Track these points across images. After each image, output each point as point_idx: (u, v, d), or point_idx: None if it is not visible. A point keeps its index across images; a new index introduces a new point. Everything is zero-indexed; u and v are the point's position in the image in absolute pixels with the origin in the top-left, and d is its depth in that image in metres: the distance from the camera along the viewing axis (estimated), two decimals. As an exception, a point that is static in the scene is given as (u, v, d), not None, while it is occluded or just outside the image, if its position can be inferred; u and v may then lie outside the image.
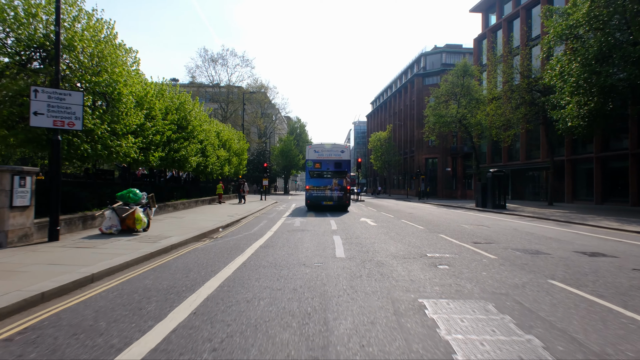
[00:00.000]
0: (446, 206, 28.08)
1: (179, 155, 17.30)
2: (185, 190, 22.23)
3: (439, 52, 55.87)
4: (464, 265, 6.62)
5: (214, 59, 56.70)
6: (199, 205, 22.38)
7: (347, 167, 21.02)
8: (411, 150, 59.27)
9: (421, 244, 9.04)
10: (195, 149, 19.34)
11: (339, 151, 21.15)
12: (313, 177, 20.97)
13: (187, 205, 20.11)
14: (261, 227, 12.87)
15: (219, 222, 13.69)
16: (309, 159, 21.09)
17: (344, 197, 20.74)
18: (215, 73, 60.20)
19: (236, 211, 19.12)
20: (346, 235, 10.53)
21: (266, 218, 16.53)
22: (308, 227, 12.91)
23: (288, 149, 61.59)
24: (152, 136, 14.27)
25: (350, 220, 15.56)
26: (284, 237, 10.20)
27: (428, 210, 22.60)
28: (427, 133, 39.56)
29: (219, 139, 27.22)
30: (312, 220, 15.42)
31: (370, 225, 13.56)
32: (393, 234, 11.03)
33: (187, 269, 6.27)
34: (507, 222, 15.28)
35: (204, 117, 23.03)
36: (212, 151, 23.66)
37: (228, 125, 32.20)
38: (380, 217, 16.99)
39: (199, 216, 15.74)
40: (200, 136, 20.36)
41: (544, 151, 32.09)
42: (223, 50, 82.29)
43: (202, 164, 22.35)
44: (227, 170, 28.34)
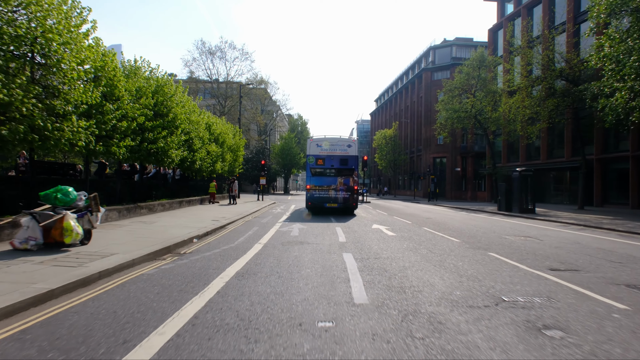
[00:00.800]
0: (462, 209, 25.16)
1: (156, 148, 14.45)
2: (169, 189, 19.41)
3: (449, 46, 52.91)
4: (586, 328, 3.73)
5: (211, 51, 53.92)
6: (184, 206, 19.54)
7: (354, 163, 18.15)
8: (418, 149, 56.34)
9: (477, 272, 6.16)
10: (178, 141, 16.50)
11: (344, 145, 18.27)
12: (315, 175, 18.11)
13: (169, 207, 17.26)
14: (248, 238, 10.01)
15: (197, 229, 10.85)
16: (310, 155, 18.23)
17: (351, 199, 17.88)
18: (213, 66, 57.57)
19: (225, 214, 16.28)
20: (361, 254, 7.66)
21: (258, 223, 13.68)
22: (308, 237, 10.05)
23: (289, 147, 58.73)
24: (115, 122, 11.43)
25: (361, 227, 12.69)
26: (274, 256, 7.34)
27: (447, 215, 19.69)
28: (438, 129, 36.69)
29: (210, 132, 24.38)
30: (313, 227, 12.57)
31: (387, 235, 10.68)
32: (424, 250, 8.14)
33: (77, 337, 3.38)
34: (556, 232, 12.36)
35: (192, 106, 20.20)
36: (200, 145, 20.83)
37: (223, 119, 29.40)
38: (395, 224, 14.11)
39: (176, 221, 12.90)
40: (185, 126, 17.51)
41: (568, 149, 29.16)
42: (221, 43, 79.32)
43: (188, 159, 19.52)
44: (219, 168, 25.50)
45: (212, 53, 53.96)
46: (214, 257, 7.18)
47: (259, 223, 13.79)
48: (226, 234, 10.76)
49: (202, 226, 11.61)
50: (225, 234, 10.76)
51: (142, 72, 14.45)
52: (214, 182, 25.82)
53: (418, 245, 8.78)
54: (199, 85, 55.52)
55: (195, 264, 6.53)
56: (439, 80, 51.92)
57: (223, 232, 11.30)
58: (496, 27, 40.42)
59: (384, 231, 11.60)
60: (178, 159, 16.90)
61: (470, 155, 50.95)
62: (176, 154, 16.49)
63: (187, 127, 18.52)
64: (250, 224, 13.61)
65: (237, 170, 32.27)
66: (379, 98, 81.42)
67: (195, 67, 62.26)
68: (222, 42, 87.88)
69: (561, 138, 30.29)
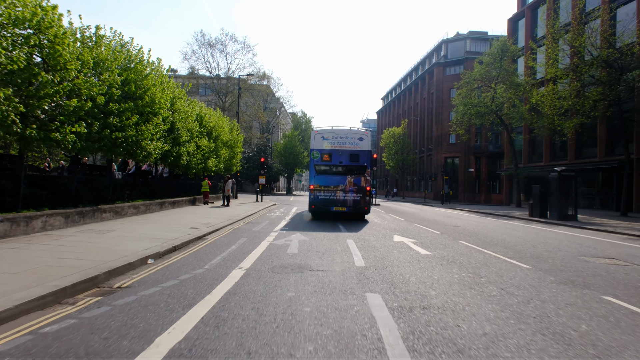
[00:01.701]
0: (486, 214, 22.18)
1: (123, 137, 11.67)
2: (151, 187, 16.63)
3: (462, 39, 49.88)
4: None
5: (211, 43, 51.24)
6: (166, 208, 16.74)
7: (366, 160, 15.28)
8: (428, 149, 53.33)
9: (607, 338, 3.31)
10: (157, 130, 13.72)
11: (356, 139, 15.40)
12: (320, 173, 15.26)
13: (145, 210, 14.48)
14: (227, 257, 7.17)
15: (163, 241, 8.03)
16: (314, 149, 15.38)
17: (362, 202, 15.01)
18: (213, 60, 54.84)
19: (212, 218, 13.48)
20: (395, 295, 4.79)
21: (248, 232, 10.83)
22: (311, 257, 7.19)
23: (292, 145, 55.91)
24: (58, 98, 8.65)
25: (379, 239, 9.81)
26: (254, 300, 4.49)
27: (476, 222, 16.74)
28: (454, 126, 33.67)
29: (201, 124, 21.61)
30: (317, 238, 9.70)
31: (420, 255, 7.78)
32: (492, 287, 5.24)
33: None
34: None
35: (178, 92, 17.44)
36: (188, 137, 18.05)
37: (218, 112, 26.64)
38: (421, 235, 11.21)
39: (142, 229, 10.10)
40: (166, 114, 14.72)
41: (602, 148, 26.08)
42: (222, 35, 76.79)
43: (172, 152, 16.74)
44: (212, 165, 22.72)
45: (212, 45, 51.32)
46: (156, 300, 4.35)
47: (249, 232, 10.94)
48: (200, 250, 7.92)
49: (172, 237, 8.79)
50: (199, 250, 7.93)
51: (108, 43, 11.65)
52: (206, 181, 23.09)
53: (475, 276, 5.89)
54: (199, 81, 52.86)
55: (111, 321, 3.70)
56: (452, 75, 48.94)
57: (198, 245, 8.47)
58: (516, 16, 37.35)
59: (412, 247, 8.71)
60: (157, 152, 14.13)
61: (485, 156, 47.89)
62: (154, 147, 13.71)
63: (170, 115, 15.74)
64: (238, 232, 10.77)
65: (234, 168, 29.51)
66: (386, 96, 78.41)
67: (195, 61, 59.97)
68: (223, 34, 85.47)
69: (591, 135, 27.18)
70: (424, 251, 8.12)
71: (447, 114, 49.06)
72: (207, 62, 54.44)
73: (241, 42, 61.99)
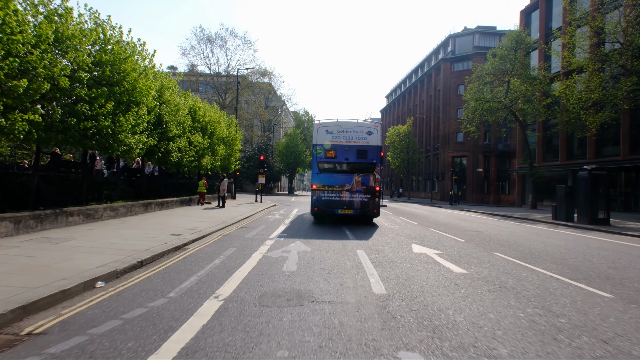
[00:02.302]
0: (503, 216, 20.42)
1: (97, 128, 10.02)
2: (136, 186, 15.01)
3: (470, 34, 48.06)
4: None
5: (211, 39, 49.69)
6: (152, 210, 15.10)
7: (375, 156, 13.58)
8: (435, 148, 51.54)
9: None
10: (139, 122, 12.07)
11: (364, 132, 13.70)
12: (324, 171, 13.59)
13: (124, 212, 12.83)
14: (204, 278, 5.49)
15: (130, 253, 6.37)
16: (317, 144, 13.70)
17: (371, 204, 13.31)
18: (213, 55, 53.21)
19: (201, 222, 11.82)
20: (442, 350, 3.10)
21: (239, 240, 9.16)
22: (314, 278, 5.51)
23: (294, 144, 54.19)
24: (3, 78, 7.01)
25: (397, 251, 8.10)
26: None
27: (498, 227, 15.01)
28: (464, 123, 31.88)
29: (195, 119, 19.98)
30: (321, 249, 8.02)
31: (454, 274, 6.07)
32: (582, 335, 3.55)
33: None
34: None
35: (167, 82, 15.82)
36: (179, 132, 16.41)
37: (214, 105, 24.99)
38: (445, 244, 9.50)
39: (113, 235, 8.44)
40: (152, 104, 13.07)
41: (625, 146, 24.27)
42: (222, 30, 75.33)
43: (160, 148, 15.11)
44: (207, 163, 21.08)
45: (211, 41, 49.76)
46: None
47: (240, 239, 9.26)
48: (172, 266, 6.26)
49: (143, 247, 7.13)
50: (171, 265, 6.26)
51: (78, 20, 10.00)
52: (203, 180, 21.48)
53: (548, 314, 4.17)
54: (199, 78, 51.21)
55: None
56: (460, 71, 47.15)
57: (173, 258, 6.80)
58: (529, 8, 35.52)
59: (439, 262, 7.01)
60: (140, 147, 12.48)
61: (494, 155, 46.08)
62: (136, 140, 12.07)
63: (156, 106, 14.10)
64: (227, 240, 9.09)
65: (232, 167, 27.85)
66: (390, 94, 76.59)
67: (194, 57, 58.50)
68: (223, 29, 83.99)
69: (613, 132, 25.33)
70: (456, 268, 6.42)
71: (455, 111, 47.28)
72: (206, 57, 52.98)
73: (242, 38, 60.39)
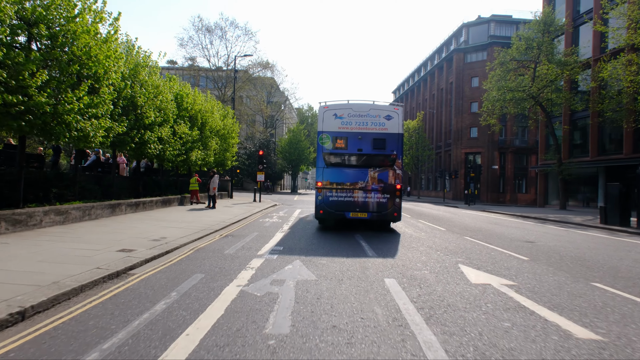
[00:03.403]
0: (537, 219, 17.62)
1: (26, 104, 7.41)
2: (106, 185, 12.44)
3: (485, 22, 45.03)
4: None
5: (210, 29, 47.09)
6: (120, 212, 12.48)
7: (395, 146, 10.86)
8: (447, 144, 48.66)
9: None
10: (99, 102, 9.45)
11: (382, 117, 10.99)
12: (332, 165, 10.92)
13: (78, 216, 10.22)
14: (115, 353, 2.81)
15: (17, 292, 3.74)
16: (324, 131, 11.00)
17: (389, 205, 10.62)
18: (212, 46, 50.74)
19: (174, 229, 9.20)
20: None
21: (213, 260, 6.48)
22: (321, 356, 2.85)
23: (297, 140, 51.47)
24: None
25: (445, 279, 5.39)
26: None
27: (548, 234, 12.23)
28: (484, 115, 29.05)
29: (181, 106, 17.36)
30: (330, 276, 5.35)
31: (577, 340, 3.37)
32: None
33: None
34: None
35: (143, 59, 13.23)
36: (159, 120, 13.80)
37: (208, 94, 22.36)
38: (506, 264, 6.76)
39: (20, 254, 5.82)
40: (116, 81, 10.44)
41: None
42: (221, 20, 72.66)
43: (133, 137, 12.50)
44: (196, 157, 18.46)
45: (210, 31, 47.19)
46: None
47: (216, 258, 6.60)
48: (79, 317, 3.60)
49: (52, 279, 4.50)
50: (77, 317, 3.60)
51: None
52: (195, 177, 18.91)
53: None
54: (200, 73, 48.62)
55: None
56: (474, 62, 44.23)
57: (90, 300, 4.15)
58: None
59: (526, 306, 4.29)
60: (101, 133, 9.87)
61: (510, 151, 43.18)
62: (95, 125, 9.48)
63: (126, 86, 11.48)
64: (196, 259, 6.43)
65: (229, 162, 25.22)
66: (397, 88, 73.60)
67: (192, 48, 56.12)
68: (222, 19, 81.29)
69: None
70: (572, 326, 3.69)
71: (468, 105, 44.38)
72: (205, 48, 50.53)
73: (242, 28, 57.49)
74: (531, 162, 43.20)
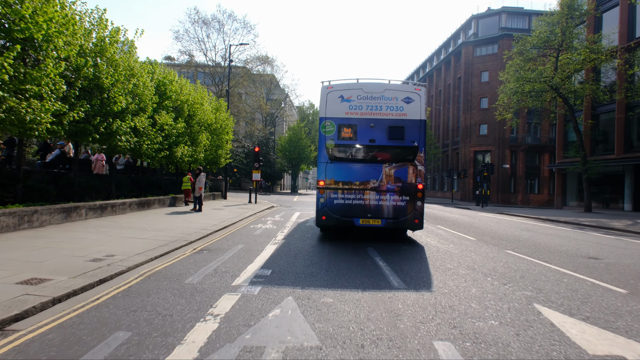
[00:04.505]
0: (571, 224, 15.39)
1: None
2: (64, 185, 10.29)
3: (496, 14, 42.75)
4: None
5: (206, 21, 44.90)
6: (78, 217, 10.30)
7: (416, 136, 8.67)
8: (454, 142, 46.43)
9: None
10: (39, 77, 7.30)
11: (399, 99, 8.80)
12: (337, 159, 8.75)
13: (10, 225, 8.07)
14: None
15: None
16: (328, 117, 8.81)
17: (410, 210, 8.44)
18: (209, 40, 48.58)
19: (134, 242, 7.04)
20: None
21: (165, 297, 4.31)
22: None
23: (297, 138, 49.25)
24: None
25: (534, 347, 3.23)
26: None
27: (606, 246, 9.99)
28: (499, 109, 26.80)
29: (164, 94, 15.19)
30: (343, 341, 3.19)
31: None
32: None
33: None
34: None
35: (112, 34, 11.06)
36: (133, 107, 11.64)
37: (198, 85, 20.22)
38: (598, 302, 4.58)
39: None
40: (64, 52, 8.29)
41: None
42: (219, 12, 70.45)
43: (97, 127, 10.33)
44: (181, 153, 16.30)
45: (207, 24, 45.01)
46: None
47: (169, 292, 4.42)
48: None
49: None
50: None
51: None
52: (188, 176, 16.83)
53: None
54: (198, 69, 46.41)
55: None
56: (484, 56, 41.97)
57: None
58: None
59: None
60: (46, 119, 7.72)
61: (521, 149, 40.88)
62: (35, 108, 7.33)
63: (87, 63, 9.33)
64: (140, 293, 4.26)
65: (222, 160, 23.06)
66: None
67: (188, 41, 54.09)
68: (220, 11, 79.16)
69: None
70: None
71: (478, 100, 42.13)
72: (201, 42, 48.16)
73: (241, 21, 55.53)
74: (544, 160, 40.95)
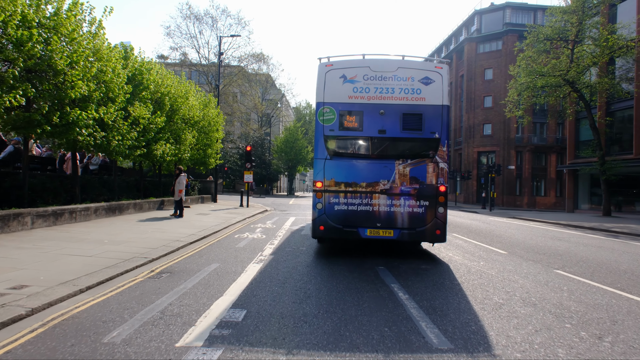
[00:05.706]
0: (614, 234, 13.69)
1: None
2: (10, 187, 8.47)
3: (500, 9, 41.21)
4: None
5: (199, 17, 43.17)
6: (25, 227, 8.49)
7: (437, 126, 6.92)
8: (457, 143, 44.83)
9: None
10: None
11: (416, 80, 7.05)
12: (338, 155, 6.99)
13: None
14: None
15: None
16: (327, 103, 7.04)
17: (430, 218, 6.67)
18: (202, 36, 46.68)
19: (74, 263, 5.25)
20: None
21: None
22: None
23: (294, 138, 47.47)
24: None
25: None
26: None
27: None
28: (509, 106, 25.15)
29: (140, 84, 13.38)
30: None
31: None
32: None
33: None
34: None
35: (73, 7, 9.28)
36: (97, 94, 9.83)
37: (183, 77, 18.42)
38: None
39: None
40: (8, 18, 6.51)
41: None
42: (212, 7, 68.77)
43: (48, 117, 8.52)
44: (162, 151, 14.48)
45: (199, 19, 43.23)
46: None
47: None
48: None
49: None
50: None
51: None
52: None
53: None
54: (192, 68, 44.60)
55: None
56: (487, 53, 40.42)
57: None
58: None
59: None
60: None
61: (527, 150, 39.22)
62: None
63: (32, 37, 7.55)
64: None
65: (212, 161, 21.23)
66: (400, 85, 69.68)
67: (180, 37, 52.24)
68: (213, 7, 77.63)
69: None
70: None
71: (481, 99, 40.54)
72: (193, 38, 46.33)
73: (234, 17, 53.72)
74: (550, 161, 39.34)
